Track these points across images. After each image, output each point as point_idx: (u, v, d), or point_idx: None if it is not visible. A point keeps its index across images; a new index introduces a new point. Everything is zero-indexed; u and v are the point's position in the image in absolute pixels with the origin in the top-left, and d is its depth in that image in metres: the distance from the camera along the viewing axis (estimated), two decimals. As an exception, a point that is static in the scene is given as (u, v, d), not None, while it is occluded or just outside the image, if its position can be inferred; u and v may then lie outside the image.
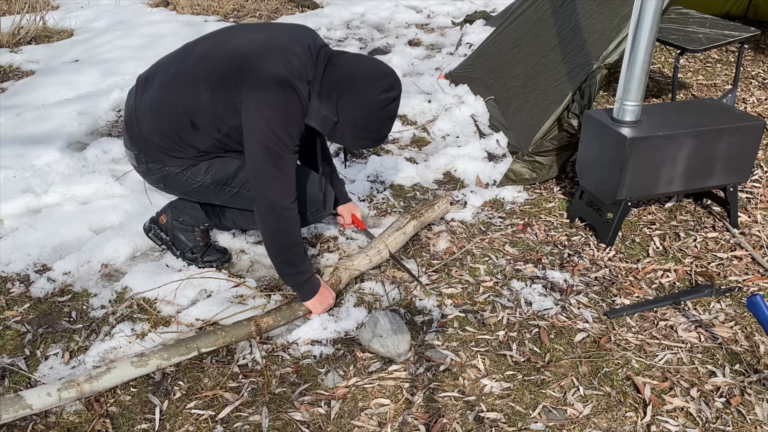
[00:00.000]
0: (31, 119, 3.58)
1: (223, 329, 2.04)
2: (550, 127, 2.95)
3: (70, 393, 1.81)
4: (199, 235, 2.43)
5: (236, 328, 2.05)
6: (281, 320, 2.12)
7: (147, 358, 1.93)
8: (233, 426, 1.81)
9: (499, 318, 2.21)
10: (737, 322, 2.18)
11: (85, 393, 1.84)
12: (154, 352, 1.95)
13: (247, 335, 2.06)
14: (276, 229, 2.03)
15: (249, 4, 6.05)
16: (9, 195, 2.82)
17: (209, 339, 2.01)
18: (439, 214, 2.64)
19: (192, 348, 1.98)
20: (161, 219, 2.43)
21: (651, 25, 2.27)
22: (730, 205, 2.68)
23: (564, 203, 2.88)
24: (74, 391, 1.82)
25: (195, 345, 1.99)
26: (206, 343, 2.00)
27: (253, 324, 2.07)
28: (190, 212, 2.39)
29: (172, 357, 1.96)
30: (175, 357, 1.96)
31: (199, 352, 1.99)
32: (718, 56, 4.64)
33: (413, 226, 2.52)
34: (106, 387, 1.88)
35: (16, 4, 5.57)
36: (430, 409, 1.86)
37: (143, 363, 1.92)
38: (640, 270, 2.45)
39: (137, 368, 1.91)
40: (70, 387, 1.81)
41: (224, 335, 2.03)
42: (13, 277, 2.39)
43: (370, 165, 3.11)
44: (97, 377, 1.85)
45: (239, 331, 2.05)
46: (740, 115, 2.61)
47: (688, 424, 1.82)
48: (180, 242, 2.43)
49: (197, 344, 1.99)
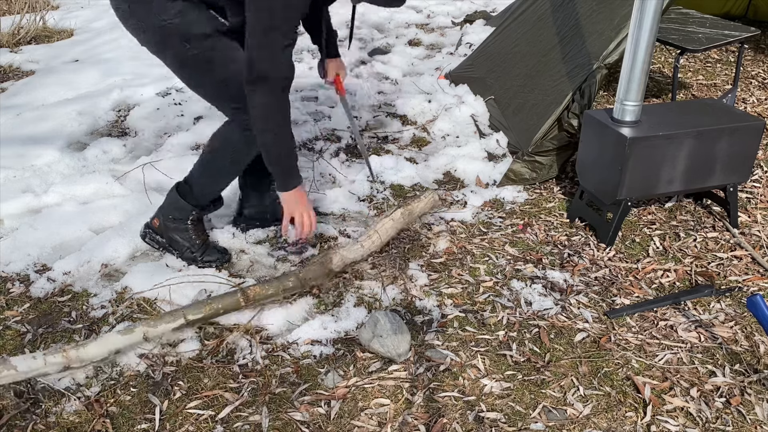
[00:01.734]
0: (31, 119, 3.58)
1: (212, 299, 2.05)
2: (550, 127, 2.95)
3: (56, 358, 1.82)
4: (193, 233, 2.40)
5: (223, 297, 2.07)
6: (269, 289, 2.13)
7: (133, 326, 1.95)
8: (233, 426, 1.81)
9: (499, 318, 2.21)
10: (737, 322, 2.19)
11: (71, 360, 1.84)
12: (141, 322, 1.97)
13: (234, 304, 2.07)
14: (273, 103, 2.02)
15: (249, 4, 6.05)
16: (9, 195, 2.82)
17: (196, 308, 2.02)
18: (426, 205, 2.62)
19: (178, 316, 1.99)
20: (154, 223, 2.43)
21: (651, 25, 2.27)
22: (730, 205, 2.68)
23: (564, 203, 2.88)
24: (60, 356, 1.83)
25: (181, 313, 2.00)
26: (193, 311, 2.01)
27: (240, 293, 2.08)
28: (176, 205, 2.38)
29: (159, 325, 1.97)
30: (161, 325, 1.97)
31: (186, 320, 2.00)
32: (718, 56, 4.64)
33: (400, 213, 2.50)
34: (94, 356, 1.89)
35: (16, 4, 5.57)
36: (430, 409, 1.86)
37: (129, 331, 1.93)
38: (640, 270, 2.45)
39: (124, 335, 1.92)
40: (56, 352, 1.83)
41: (211, 304, 2.04)
42: (13, 277, 2.39)
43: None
44: (83, 344, 1.87)
45: (226, 300, 2.07)
46: (740, 115, 2.61)
47: (688, 424, 1.82)
48: (176, 243, 2.42)
49: (183, 312, 2.00)
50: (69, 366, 1.85)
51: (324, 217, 2.74)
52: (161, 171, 2.99)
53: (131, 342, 1.94)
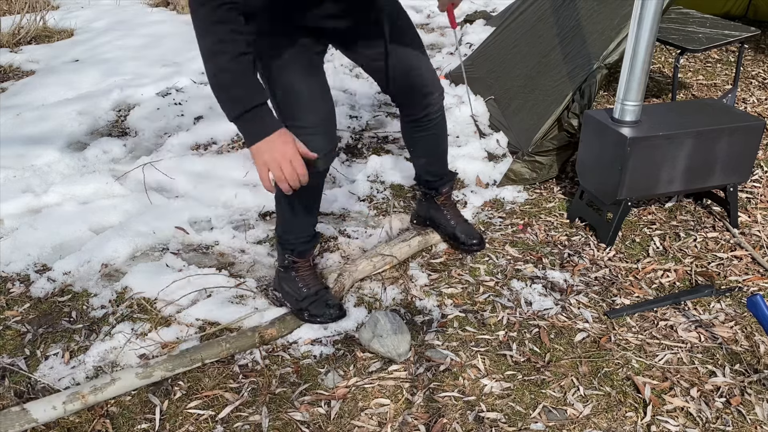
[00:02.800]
0: (31, 119, 3.58)
1: (226, 340, 2.05)
2: (550, 127, 2.95)
3: (75, 405, 1.83)
4: (300, 281, 2.16)
5: (240, 338, 2.06)
6: (284, 331, 2.12)
7: (151, 369, 1.94)
8: (233, 426, 1.81)
9: (499, 318, 2.21)
10: (737, 322, 2.19)
11: (89, 404, 1.85)
12: (158, 363, 1.96)
13: (250, 345, 2.07)
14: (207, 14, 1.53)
15: (249, 4, 6.05)
16: (9, 195, 2.82)
17: (213, 350, 2.02)
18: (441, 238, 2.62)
19: (196, 360, 1.99)
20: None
21: (651, 25, 2.27)
22: (730, 205, 2.68)
23: (564, 203, 2.88)
24: (79, 403, 1.83)
25: (199, 356, 2.00)
26: (210, 355, 2.01)
27: (257, 335, 2.07)
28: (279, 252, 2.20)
29: (176, 368, 1.97)
30: (179, 368, 1.97)
31: (203, 363, 2.01)
32: (718, 56, 4.64)
33: (417, 242, 2.52)
34: (110, 397, 1.89)
35: (16, 4, 5.57)
36: (430, 409, 1.86)
37: (147, 374, 1.93)
38: (640, 270, 2.45)
39: (141, 379, 1.92)
40: (75, 400, 1.83)
41: (228, 346, 2.04)
42: (13, 277, 2.39)
43: (370, 165, 3.11)
44: (101, 389, 1.86)
45: (243, 342, 2.06)
46: (740, 115, 2.61)
47: (688, 424, 1.82)
48: (286, 294, 2.20)
49: (201, 355, 2.00)
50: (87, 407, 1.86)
51: (324, 217, 2.74)
52: (161, 171, 2.99)
53: (148, 382, 1.94)
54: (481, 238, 2.51)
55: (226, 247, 2.57)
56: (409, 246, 2.50)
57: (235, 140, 3.38)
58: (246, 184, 2.95)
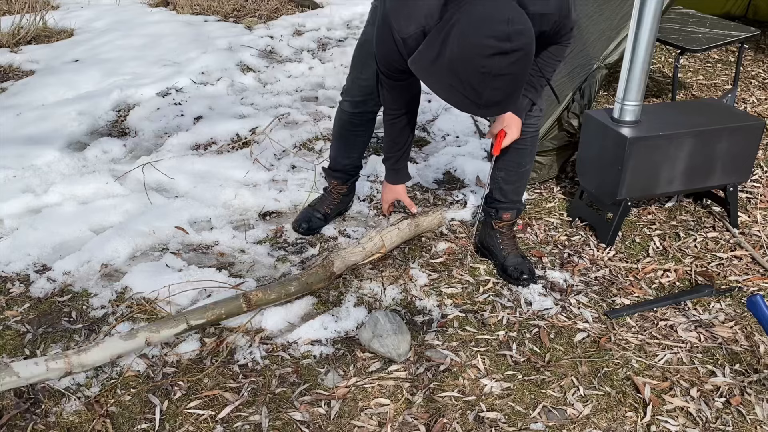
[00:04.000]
0: (31, 119, 3.58)
1: (213, 304, 2.04)
2: (550, 127, 2.95)
3: (58, 364, 1.81)
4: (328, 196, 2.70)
5: (226, 302, 2.06)
6: (271, 294, 2.12)
7: (135, 332, 1.93)
8: (233, 426, 1.81)
9: (499, 318, 2.21)
10: (737, 322, 2.18)
11: (73, 365, 1.83)
12: (142, 327, 1.95)
13: (237, 309, 2.06)
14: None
15: (249, 4, 6.05)
16: (9, 195, 2.82)
17: (198, 314, 2.00)
18: (433, 221, 2.61)
19: (180, 321, 1.98)
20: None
21: (651, 25, 2.27)
22: (730, 205, 2.68)
23: (564, 203, 2.88)
24: (62, 362, 1.81)
25: (184, 318, 1.98)
26: (195, 317, 2.00)
27: (243, 298, 2.07)
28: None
29: (161, 330, 1.95)
30: (164, 330, 1.96)
31: (189, 326, 1.99)
32: (718, 56, 4.64)
33: (407, 224, 2.50)
34: (95, 361, 1.87)
35: (16, 4, 5.56)
36: (430, 409, 1.86)
37: (131, 336, 1.91)
38: (640, 270, 2.45)
39: (126, 341, 1.90)
40: (58, 358, 1.81)
41: (214, 309, 2.02)
42: (13, 277, 2.39)
43: (370, 165, 3.11)
44: (85, 350, 1.85)
45: (229, 305, 2.05)
46: (740, 115, 2.61)
47: (688, 424, 1.82)
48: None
49: (186, 317, 1.99)
50: (71, 372, 1.84)
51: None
52: (161, 171, 2.99)
53: (133, 347, 1.93)
54: (532, 273, 2.36)
55: (226, 247, 2.56)
56: (398, 229, 2.47)
57: (235, 140, 3.38)
58: (246, 184, 2.95)
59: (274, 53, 4.75)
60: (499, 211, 2.42)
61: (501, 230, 2.44)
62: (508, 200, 2.41)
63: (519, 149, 2.29)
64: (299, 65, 4.44)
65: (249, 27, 5.32)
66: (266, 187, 2.94)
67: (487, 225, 2.49)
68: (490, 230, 2.46)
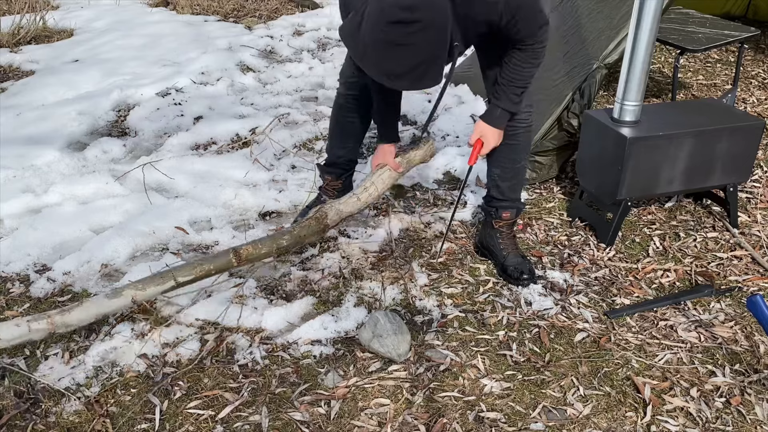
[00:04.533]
0: (31, 119, 3.58)
1: (201, 259, 1.96)
2: (550, 127, 2.95)
3: (41, 324, 1.75)
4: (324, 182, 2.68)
5: (214, 257, 1.97)
6: (262, 248, 2.03)
7: (120, 290, 1.84)
8: (233, 426, 1.81)
9: (499, 318, 2.21)
10: (737, 322, 2.19)
11: (56, 325, 1.76)
12: (128, 284, 1.87)
13: (226, 265, 1.97)
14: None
15: (249, 4, 6.05)
16: (9, 195, 2.82)
17: (186, 269, 1.92)
18: (426, 153, 2.57)
19: (168, 278, 1.90)
20: None
21: (651, 25, 2.27)
22: (730, 205, 2.68)
23: (564, 203, 2.88)
24: (44, 322, 1.76)
25: (171, 275, 1.91)
26: (183, 273, 1.91)
27: (232, 253, 1.98)
28: None
29: (147, 287, 1.88)
30: (151, 287, 1.88)
31: (176, 283, 1.91)
32: (718, 56, 4.64)
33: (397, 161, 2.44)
34: (80, 320, 1.80)
35: (16, 4, 5.57)
36: (430, 409, 1.86)
37: (117, 294, 1.83)
38: (640, 270, 2.45)
39: (111, 300, 1.82)
40: (41, 319, 1.76)
41: (201, 265, 1.94)
42: (13, 277, 2.39)
43: (370, 165, 3.11)
44: (69, 310, 1.78)
45: (218, 261, 1.97)
46: (740, 115, 2.61)
47: (688, 424, 1.82)
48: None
49: (173, 274, 1.91)
50: (54, 332, 1.76)
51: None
52: (161, 171, 2.99)
53: (119, 306, 1.83)
54: (532, 273, 2.36)
55: (226, 247, 2.56)
56: (389, 170, 2.42)
57: (235, 140, 3.38)
58: (246, 184, 2.96)
59: (274, 53, 4.75)
60: (499, 210, 2.42)
61: (501, 230, 2.44)
62: (507, 198, 2.41)
63: (512, 145, 2.30)
64: (299, 65, 4.44)
65: (249, 27, 5.32)
66: (266, 187, 2.94)
67: (487, 225, 2.49)
68: (491, 230, 2.46)
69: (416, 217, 2.75)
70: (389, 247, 2.56)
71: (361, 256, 2.51)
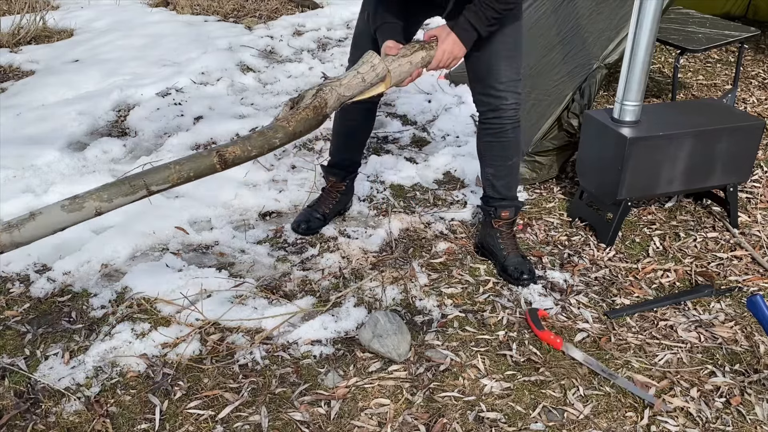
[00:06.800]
0: (31, 119, 3.58)
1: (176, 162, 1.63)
2: (550, 127, 2.95)
3: None
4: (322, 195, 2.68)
5: (194, 159, 1.66)
6: (253, 150, 1.70)
7: (81, 200, 1.55)
8: (233, 426, 1.81)
9: (499, 318, 2.21)
10: (737, 322, 2.19)
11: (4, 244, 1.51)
12: (90, 193, 1.57)
13: (208, 168, 1.66)
14: None
15: (249, 4, 6.05)
16: (9, 195, 2.82)
17: (159, 174, 1.60)
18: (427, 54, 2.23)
19: (138, 186, 1.58)
20: None
21: (651, 25, 2.27)
22: (730, 205, 2.68)
23: (564, 203, 2.88)
24: None
25: (142, 182, 1.58)
26: (156, 180, 1.60)
27: (216, 155, 1.66)
28: None
29: (114, 198, 1.57)
30: (118, 198, 1.57)
31: (149, 191, 1.61)
32: (718, 56, 4.64)
33: (421, 57, 2.06)
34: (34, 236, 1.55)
35: (16, 4, 5.56)
36: (430, 409, 1.86)
37: (77, 206, 1.55)
38: (640, 270, 2.45)
39: (69, 213, 1.54)
40: None
41: (179, 168, 1.62)
42: (13, 277, 2.39)
43: (370, 165, 3.11)
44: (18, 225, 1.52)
45: (198, 163, 1.65)
46: (740, 115, 2.61)
47: (688, 424, 1.82)
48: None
49: (144, 181, 1.59)
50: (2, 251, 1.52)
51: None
52: (161, 171, 2.98)
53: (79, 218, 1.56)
54: (532, 273, 2.36)
55: (226, 247, 2.57)
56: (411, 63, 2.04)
57: (235, 140, 3.38)
58: (246, 184, 2.96)
59: (274, 53, 4.75)
60: (498, 210, 2.42)
61: (501, 229, 2.44)
62: (503, 197, 2.42)
63: (503, 142, 2.31)
64: (299, 65, 4.44)
65: (249, 27, 5.32)
66: (266, 187, 2.94)
67: (486, 225, 2.49)
68: (490, 230, 2.46)
69: (416, 217, 2.75)
70: (389, 247, 2.56)
71: (361, 256, 2.51)
